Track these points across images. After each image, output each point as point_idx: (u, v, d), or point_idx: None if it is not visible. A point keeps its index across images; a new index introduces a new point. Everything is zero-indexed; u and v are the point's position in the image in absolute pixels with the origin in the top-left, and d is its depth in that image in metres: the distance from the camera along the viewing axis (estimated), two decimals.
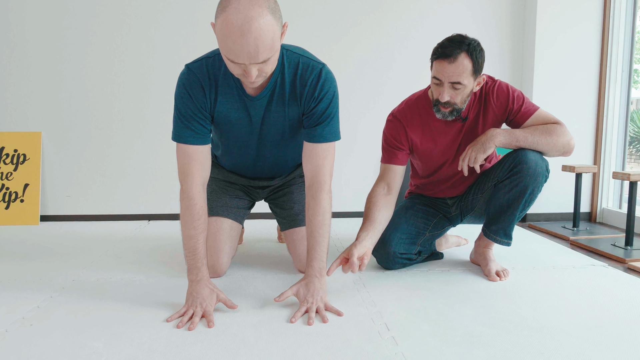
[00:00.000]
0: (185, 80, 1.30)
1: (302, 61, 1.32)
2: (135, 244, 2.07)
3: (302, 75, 1.32)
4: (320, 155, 1.35)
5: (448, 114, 1.51)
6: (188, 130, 1.31)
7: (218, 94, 1.32)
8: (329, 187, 1.36)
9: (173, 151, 2.57)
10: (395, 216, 1.73)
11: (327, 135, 1.35)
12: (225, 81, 1.31)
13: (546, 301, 1.40)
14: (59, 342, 1.12)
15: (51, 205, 2.57)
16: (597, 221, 2.68)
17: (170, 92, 2.54)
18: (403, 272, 1.67)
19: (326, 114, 1.34)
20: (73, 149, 2.56)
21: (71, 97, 2.53)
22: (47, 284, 1.54)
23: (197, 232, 1.31)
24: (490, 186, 1.63)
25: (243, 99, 1.34)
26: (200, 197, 1.33)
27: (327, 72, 1.33)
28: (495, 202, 1.60)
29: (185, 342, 1.13)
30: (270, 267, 1.73)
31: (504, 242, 1.63)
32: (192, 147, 1.32)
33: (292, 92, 1.34)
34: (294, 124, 1.42)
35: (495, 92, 1.57)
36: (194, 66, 1.31)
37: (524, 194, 1.53)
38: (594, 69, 2.62)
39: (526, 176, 1.51)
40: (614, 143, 2.65)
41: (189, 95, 1.30)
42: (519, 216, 1.59)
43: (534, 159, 1.51)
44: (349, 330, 1.19)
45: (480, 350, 1.09)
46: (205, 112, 1.33)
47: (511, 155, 1.57)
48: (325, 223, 1.34)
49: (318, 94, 1.32)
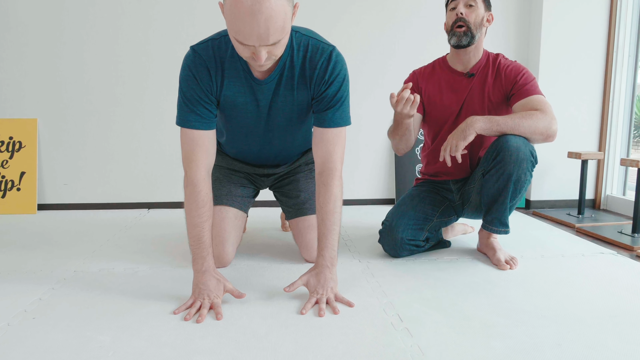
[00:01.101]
0: (191, 63, 1.25)
1: (311, 43, 1.27)
2: (136, 233, 2.04)
3: (312, 58, 1.27)
4: (331, 140, 1.31)
5: (462, 34, 1.57)
6: (193, 114, 1.27)
7: (224, 77, 1.28)
8: (340, 173, 1.32)
9: (172, 137, 2.54)
10: (401, 204, 1.70)
11: (338, 119, 1.31)
12: (232, 64, 1.26)
13: (559, 290, 1.38)
14: (64, 336, 1.09)
15: (48, 194, 2.52)
16: (601, 208, 2.66)
17: (169, 76, 2.48)
18: (411, 260, 1.65)
19: (337, 97, 1.30)
20: (70, 135, 2.50)
21: (67, 82, 2.46)
22: (48, 275, 1.51)
23: (202, 221, 1.27)
24: (480, 176, 1.61)
25: (250, 82, 1.29)
26: (205, 184, 1.28)
27: (338, 55, 1.29)
28: (486, 193, 1.58)
29: (194, 335, 1.10)
30: (276, 256, 1.70)
31: (501, 231, 1.61)
32: (197, 132, 1.27)
33: (301, 76, 1.29)
34: (303, 109, 1.37)
35: (510, 65, 1.63)
36: (199, 48, 1.26)
37: (509, 182, 1.50)
38: (600, 53, 2.58)
39: (509, 163, 1.48)
40: (619, 129, 2.62)
41: (194, 77, 1.25)
42: (511, 204, 1.57)
43: (516, 145, 1.47)
44: (361, 322, 1.17)
45: (497, 341, 1.07)
46: (211, 96, 1.28)
47: (494, 144, 1.53)
48: (337, 211, 1.31)
49: (328, 77, 1.28)
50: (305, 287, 1.30)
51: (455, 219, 1.80)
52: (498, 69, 1.63)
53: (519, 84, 1.58)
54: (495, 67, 1.64)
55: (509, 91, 1.61)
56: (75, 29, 2.43)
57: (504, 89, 1.62)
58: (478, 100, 1.64)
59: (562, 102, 2.59)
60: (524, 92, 1.56)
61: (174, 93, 2.49)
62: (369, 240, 1.91)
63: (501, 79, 1.62)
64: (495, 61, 1.65)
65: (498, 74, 1.63)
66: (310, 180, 1.67)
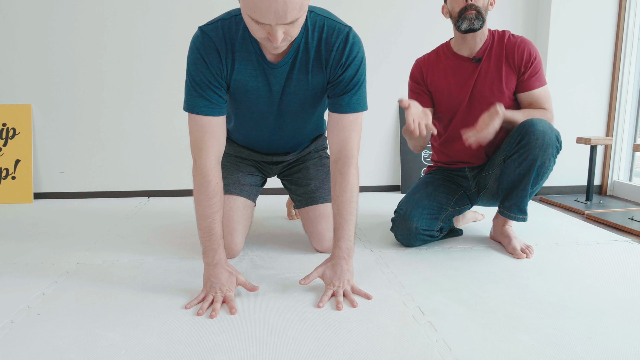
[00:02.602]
0: (200, 45, 1.18)
1: (327, 24, 1.20)
2: (138, 223, 1.97)
3: (328, 40, 1.20)
4: (348, 127, 1.25)
5: (474, 17, 1.51)
6: (202, 99, 1.20)
7: (235, 59, 1.21)
8: (356, 161, 1.27)
9: (172, 122, 2.47)
10: (415, 192, 1.65)
11: (355, 104, 1.25)
12: (244, 46, 1.19)
13: (579, 280, 1.35)
14: (72, 333, 1.03)
15: (45, 182, 2.44)
16: (607, 194, 2.63)
17: (165, 58, 2.40)
18: (424, 250, 1.60)
19: (354, 81, 1.24)
20: (65, 121, 2.41)
21: (61, 66, 2.37)
22: (50, 267, 1.45)
23: (213, 212, 1.22)
24: (500, 161, 1.57)
25: (263, 65, 1.22)
26: (215, 174, 1.22)
27: (354, 36, 1.22)
28: (506, 178, 1.54)
29: (208, 330, 1.05)
30: (285, 246, 1.65)
31: (519, 218, 1.57)
32: (207, 118, 1.21)
33: (316, 59, 1.23)
34: (317, 93, 1.31)
35: (518, 43, 1.57)
36: (208, 29, 1.19)
37: (533, 167, 1.46)
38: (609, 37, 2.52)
39: (535, 147, 1.44)
40: (627, 114, 2.58)
41: (203, 61, 1.18)
42: (532, 191, 1.52)
43: (542, 129, 1.44)
44: (381, 315, 1.12)
45: (524, 334, 1.03)
46: (221, 80, 1.21)
47: (518, 128, 1.49)
48: (353, 200, 1.26)
49: (345, 60, 1.21)
50: (320, 279, 1.26)
51: (469, 208, 1.76)
52: (507, 48, 1.57)
53: (529, 71, 1.55)
54: (503, 46, 1.57)
55: (520, 74, 1.56)
56: (66, 12, 2.32)
57: (516, 69, 1.57)
58: (487, 84, 1.59)
59: (570, 85, 2.55)
60: (532, 84, 1.56)
61: (171, 76, 2.41)
62: (378, 229, 1.86)
63: (513, 59, 1.56)
64: (502, 40, 1.58)
65: (508, 54, 1.57)
66: (320, 168, 1.61)
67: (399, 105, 1.35)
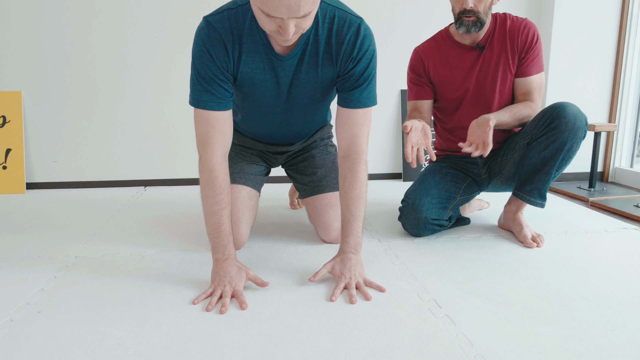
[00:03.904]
0: (205, 37, 1.12)
1: (337, 15, 1.14)
2: (136, 213, 1.92)
3: (339, 32, 1.15)
4: (357, 122, 1.21)
5: (472, 24, 1.46)
6: (208, 94, 1.14)
7: (242, 52, 1.14)
8: (366, 156, 1.23)
9: (167, 109, 2.39)
10: (422, 181, 1.61)
11: (365, 99, 1.21)
12: (251, 37, 1.13)
13: (593, 269, 1.32)
14: (76, 332, 0.99)
15: (37, 172, 2.37)
16: (609, 181, 2.62)
17: (158, 43, 2.32)
18: (433, 239, 1.57)
19: (365, 75, 1.19)
20: (57, 108, 2.33)
21: (52, 51, 2.27)
22: (48, 261, 1.39)
23: (220, 208, 1.17)
24: (522, 145, 1.53)
25: (271, 58, 1.16)
26: (221, 169, 1.18)
27: (366, 28, 1.17)
28: (529, 161, 1.50)
29: (219, 327, 1.01)
30: (290, 236, 1.61)
31: (538, 203, 1.54)
32: (213, 113, 1.15)
33: (326, 51, 1.17)
34: (327, 87, 1.26)
35: (523, 26, 1.52)
36: (214, 19, 1.12)
37: (561, 151, 1.43)
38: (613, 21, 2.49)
39: (565, 131, 1.41)
40: (630, 100, 2.56)
41: (209, 54, 1.12)
42: (554, 175, 1.50)
43: (574, 112, 1.42)
44: (397, 309, 1.09)
45: (545, 327, 1.01)
46: (227, 73, 1.15)
47: (547, 111, 1.46)
48: (362, 197, 1.22)
49: (357, 54, 1.16)
50: (330, 274, 1.22)
51: (478, 194, 1.72)
52: (510, 32, 1.52)
53: (530, 55, 1.52)
54: (506, 31, 1.52)
55: (520, 58, 1.53)
56: None
57: (518, 52, 1.53)
58: (491, 71, 1.55)
59: (573, 71, 2.51)
60: (530, 69, 1.53)
61: (165, 62, 2.34)
62: (384, 218, 1.83)
63: (517, 42, 1.52)
64: (504, 25, 1.53)
65: (513, 37, 1.52)
66: (326, 156, 1.56)
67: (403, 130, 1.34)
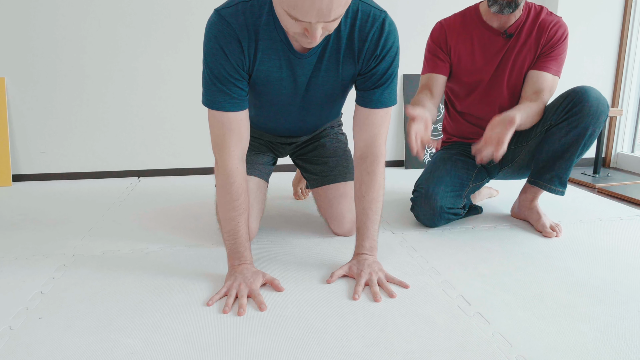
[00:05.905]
0: (218, 33, 1.02)
1: (361, 9, 1.06)
2: (132, 207, 1.82)
3: (362, 28, 1.06)
4: (377, 123, 1.14)
5: (506, 4, 1.38)
6: (222, 94, 1.06)
7: (258, 49, 1.05)
8: (384, 158, 1.18)
9: (160, 96, 2.28)
10: (433, 169, 1.55)
11: (386, 99, 1.13)
12: (267, 33, 1.04)
13: (618, 260, 1.28)
14: (83, 340, 0.91)
15: (23, 163, 2.24)
16: (611, 166, 2.60)
17: (153, 25, 2.20)
18: (448, 230, 1.52)
19: (387, 74, 1.11)
20: (44, 96, 2.20)
21: (38, 34, 2.14)
22: (44, 260, 1.30)
23: (238, 214, 1.11)
24: (540, 132, 1.47)
25: (288, 55, 1.08)
26: (239, 173, 1.10)
27: (390, 24, 1.09)
28: (548, 148, 1.45)
29: (239, 331, 0.94)
30: (300, 229, 1.54)
31: (559, 191, 1.49)
32: (228, 114, 1.07)
33: (348, 48, 1.09)
34: (346, 85, 1.18)
35: (554, 24, 1.45)
36: (227, 13, 1.02)
37: (583, 136, 1.38)
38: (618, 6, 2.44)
39: (587, 115, 1.36)
40: (633, 85, 2.53)
41: (223, 52, 1.03)
42: (576, 161, 1.45)
43: (596, 97, 1.37)
44: (425, 307, 1.03)
45: (583, 324, 0.96)
46: (242, 72, 1.07)
47: (568, 96, 1.40)
48: (379, 199, 1.17)
49: (380, 52, 1.08)
50: (348, 275, 1.17)
51: (487, 182, 1.67)
52: (540, 26, 1.45)
53: (552, 51, 1.44)
54: (537, 25, 1.45)
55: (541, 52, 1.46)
56: None
57: (542, 45, 1.45)
58: (511, 64, 1.48)
59: (577, 58, 2.47)
60: (549, 65, 1.45)
61: (159, 46, 2.22)
62: (392, 207, 1.77)
63: (541, 38, 1.44)
64: (537, 18, 1.45)
65: (540, 32, 1.44)
66: (338, 145, 1.49)
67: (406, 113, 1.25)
